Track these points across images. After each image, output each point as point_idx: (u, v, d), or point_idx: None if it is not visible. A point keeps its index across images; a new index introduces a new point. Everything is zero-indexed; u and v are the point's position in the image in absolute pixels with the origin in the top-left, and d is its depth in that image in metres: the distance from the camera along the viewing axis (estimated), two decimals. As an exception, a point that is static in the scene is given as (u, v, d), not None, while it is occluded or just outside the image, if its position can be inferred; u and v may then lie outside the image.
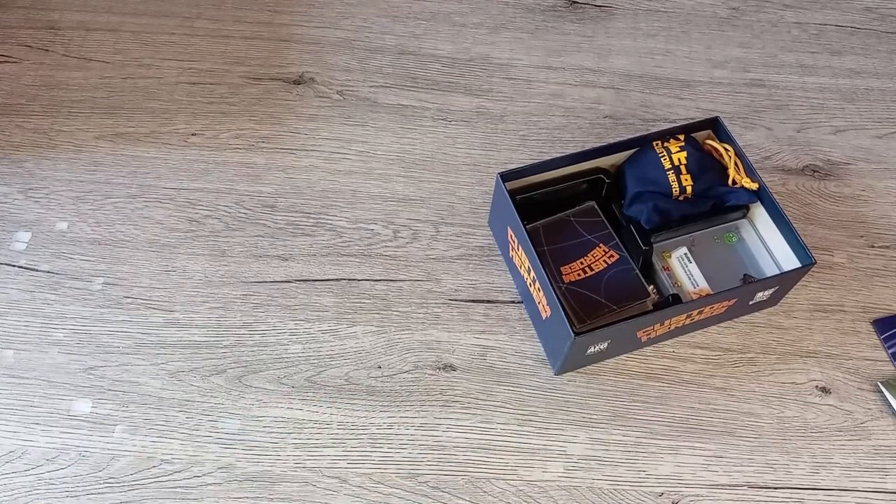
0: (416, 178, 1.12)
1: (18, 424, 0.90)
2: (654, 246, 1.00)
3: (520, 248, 0.95)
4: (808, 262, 0.95)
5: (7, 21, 1.24)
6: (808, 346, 1.02)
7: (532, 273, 0.93)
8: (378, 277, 1.03)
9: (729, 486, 0.91)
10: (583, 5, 1.34)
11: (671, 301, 0.95)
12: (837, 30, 1.34)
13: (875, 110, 1.25)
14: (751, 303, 0.99)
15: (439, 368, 0.96)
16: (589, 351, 0.93)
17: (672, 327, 0.96)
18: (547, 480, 0.90)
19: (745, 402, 0.97)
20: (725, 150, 1.02)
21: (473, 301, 1.02)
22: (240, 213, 1.07)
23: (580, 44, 1.25)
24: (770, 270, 1.01)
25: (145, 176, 1.09)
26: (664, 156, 1.00)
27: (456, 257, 1.05)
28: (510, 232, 0.97)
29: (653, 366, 0.99)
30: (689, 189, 1.00)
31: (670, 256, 1.01)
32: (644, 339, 0.96)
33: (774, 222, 1.00)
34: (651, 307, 0.96)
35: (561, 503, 0.89)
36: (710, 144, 1.04)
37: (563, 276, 0.98)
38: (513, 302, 1.02)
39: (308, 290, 1.01)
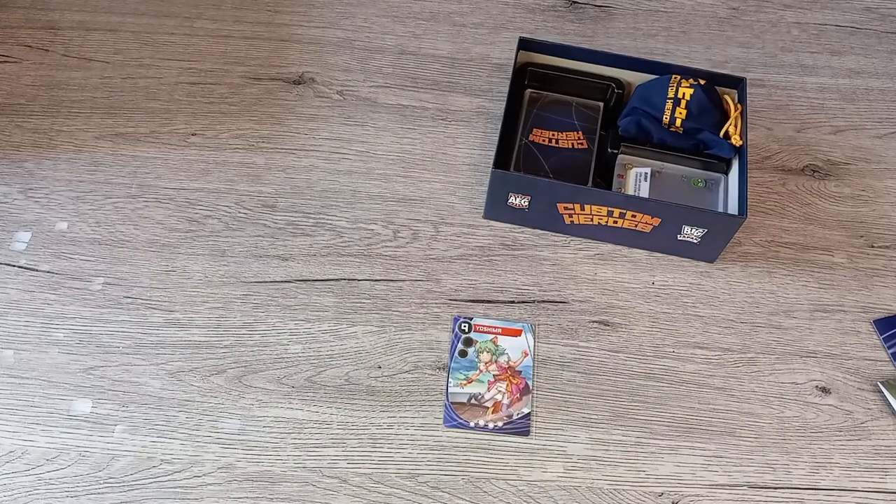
0: (416, 178, 1.12)
1: (18, 424, 0.90)
2: (627, 159, 1.08)
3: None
4: (740, 214, 0.99)
5: (7, 21, 1.24)
6: (808, 346, 1.02)
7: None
8: (378, 277, 1.03)
9: (729, 486, 0.91)
10: (583, 5, 1.35)
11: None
12: (837, 30, 1.34)
13: (875, 110, 1.25)
14: (679, 237, 1.02)
15: (439, 368, 0.96)
16: (510, 200, 1.01)
17: (594, 219, 1.01)
18: (547, 480, 0.90)
19: (745, 402, 0.97)
20: (735, 107, 1.08)
21: (473, 301, 1.02)
22: (240, 213, 1.07)
23: (580, 44, 1.25)
24: None
25: (145, 176, 1.09)
26: (672, 87, 1.06)
27: (456, 257, 1.05)
28: None
29: (653, 366, 0.99)
30: (678, 122, 1.06)
31: (631, 168, 1.06)
32: (567, 220, 1.02)
33: (739, 181, 1.03)
34: None
35: (561, 503, 0.89)
36: (726, 97, 1.10)
37: (530, 136, 1.08)
38: (513, 302, 1.02)
39: (308, 290, 1.01)
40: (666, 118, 1.06)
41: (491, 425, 0.93)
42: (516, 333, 0.98)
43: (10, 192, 1.07)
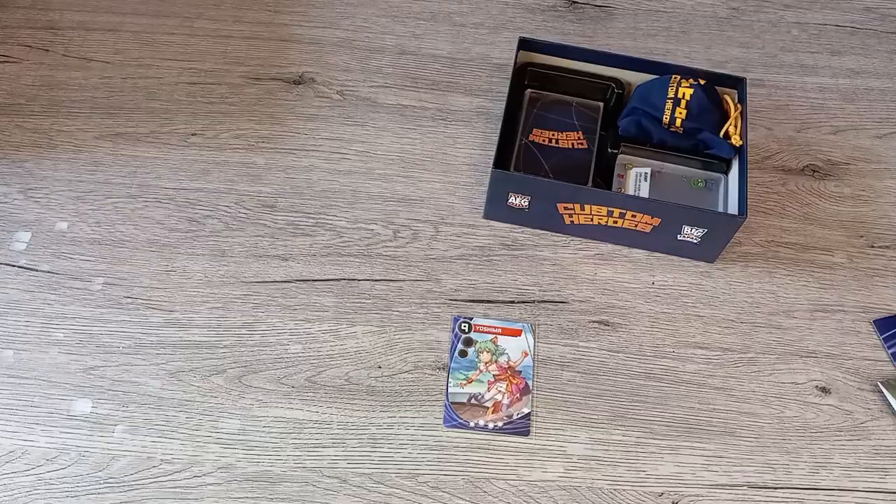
0: (416, 178, 1.12)
1: (18, 424, 0.90)
2: (627, 159, 1.08)
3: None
4: (740, 214, 0.99)
5: (7, 21, 1.24)
6: (808, 346, 1.02)
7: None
8: (378, 277, 1.03)
9: (729, 486, 0.91)
10: (583, 5, 1.35)
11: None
12: (837, 30, 1.35)
13: (875, 110, 1.25)
14: (679, 237, 1.02)
15: (439, 368, 0.96)
16: (510, 200, 1.01)
17: (594, 219, 1.01)
18: (547, 480, 0.90)
19: (745, 402, 0.97)
20: (735, 107, 1.08)
21: (473, 301, 1.02)
22: (240, 213, 1.07)
23: (580, 44, 1.25)
24: None
25: (145, 176, 1.09)
26: (672, 87, 1.06)
27: (456, 257, 1.05)
28: None
29: (653, 366, 0.99)
30: (678, 122, 1.06)
31: (631, 168, 1.06)
32: (567, 220, 1.02)
33: (739, 181, 1.03)
34: None
35: (561, 503, 0.89)
36: (725, 97, 1.09)
37: (530, 136, 1.08)
38: (513, 302, 1.02)
39: (308, 290, 1.01)
40: (666, 118, 1.06)
41: (491, 425, 0.93)
42: (516, 333, 0.98)
43: (10, 192, 1.07)
